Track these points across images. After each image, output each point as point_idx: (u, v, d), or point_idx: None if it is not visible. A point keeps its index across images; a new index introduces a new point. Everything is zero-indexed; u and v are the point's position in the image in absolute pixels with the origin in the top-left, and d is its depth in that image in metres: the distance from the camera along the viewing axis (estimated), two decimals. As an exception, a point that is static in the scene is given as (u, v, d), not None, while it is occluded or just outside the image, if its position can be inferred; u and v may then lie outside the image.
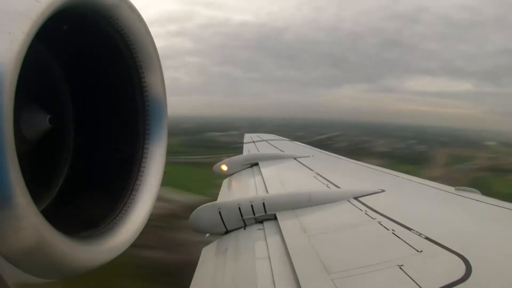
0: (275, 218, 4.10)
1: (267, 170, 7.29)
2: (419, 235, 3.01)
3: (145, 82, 2.49)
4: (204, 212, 4.28)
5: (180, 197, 23.24)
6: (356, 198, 4.36)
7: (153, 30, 2.41)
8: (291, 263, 2.82)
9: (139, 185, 2.47)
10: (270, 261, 3.04)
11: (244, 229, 4.15)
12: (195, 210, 4.30)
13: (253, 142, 12.27)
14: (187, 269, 3.76)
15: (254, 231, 3.99)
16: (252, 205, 4.21)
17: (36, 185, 1.65)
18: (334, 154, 9.49)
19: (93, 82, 2.59)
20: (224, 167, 8.10)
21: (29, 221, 1.48)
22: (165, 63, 2.60)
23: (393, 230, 3.17)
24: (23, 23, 1.48)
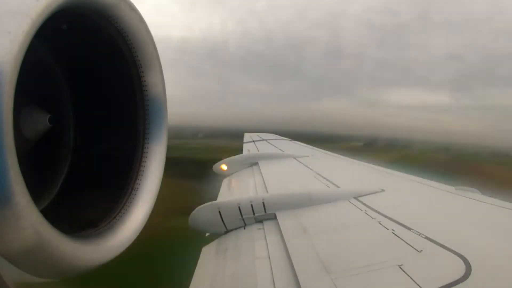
0: (275, 217, 4.11)
1: (267, 169, 7.30)
2: (419, 234, 3.01)
3: (145, 81, 2.49)
4: (204, 212, 4.28)
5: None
6: (356, 198, 4.36)
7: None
8: (290, 263, 2.82)
9: (139, 185, 2.47)
10: (270, 260, 3.04)
11: (244, 228, 4.15)
12: (195, 210, 4.30)
13: (253, 141, 12.27)
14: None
15: (254, 230, 3.99)
16: (252, 205, 4.21)
17: (35, 184, 1.65)
18: (334, 154, 9.48)
19: (92, 81, 2.59)
20: (224, 167, 8.10)
21: (29, 221, 1.48)
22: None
23: (393, 229, 3.17)
24: (22, 22, 1.48)
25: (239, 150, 10.69)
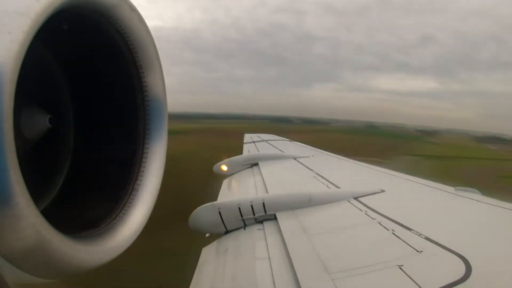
0: (275, 218, 4.10)
1: (267, 170, 7.29)
2: (419, 235, 3.01)
3: (145, 81, 2.49)
4: (204, 212, 4.28)
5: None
6: (356, 198, 4.36)
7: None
8: (291, 263, 2.82)
9: (139, 185, 2.47)
10: (270, 261, 3.04)
11: (244, 229, 4.15)
12: (195, 210, 4.30)
13: (253, 142, 12.27)
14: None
15: (254, 231, 3.99)
16: (252, 205, 4.21)
17: (36, 185, 1.65)
18: (334, 154, 9.48)
19: (93, 82, 2.59)
20: (224, 167, 8.10)
21: (29, 221, 1.48)
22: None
23: (393, 230, 3.17)
24: (23, 22, 1.48)
25: (239, 151, 10.72)
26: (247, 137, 13.76)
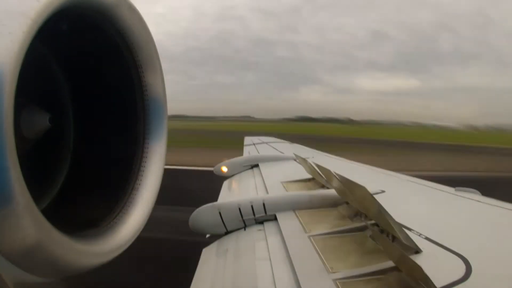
0: (275, 218, 4.09)
1: (267, 171, 7.28)
2: (419, 235, 3.00)
3: (145, 81, 2.50)
4: (204, 213, 4.26)
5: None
6: None
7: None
8: (291, 264, 2.81)
9: (139, 185, 2.47)
10: (270, 262, 3.03)
11: (245, 229, 4.13)
12: (195, 211, 4.29)
13: (253, 144, 12.26)
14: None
15: (255, 231, 3.98)
16: (252, 206, 4.19)
17: (36, 184, 1.65)
18: (334, 156, 9.48)
19: (93, 81, 2.60)
20: (224, 169, 8.08)
21: (29, 220, 1.48)
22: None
23: None
24: (23, 22, 1.48)
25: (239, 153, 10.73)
26: (248, 139, 13.74)
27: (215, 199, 5.54)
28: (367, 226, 3.29)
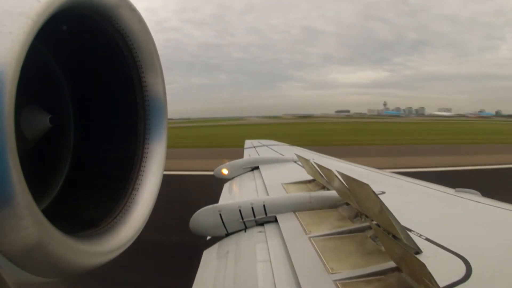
0: (276, 220, 4.09)
1: (267, 173, 7.28)
2: (419, 236, 3.00)
3: (145, 81, 2.50)
4: (205, 215, 4.25)
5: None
6: None
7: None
8: (292, 265, 2.81)
9: (139, 185, 2.47)
10: (271, 263, 3.03)
11: (245, 231, 4.13)
12: (196, 213, 4.28)
13: (254, 147, 12.26)
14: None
15: (255, 233, 3.97)
16: (252, 207, 4.19)
17: (37, 184, 1.65)
18: (334, 158, 9.47)
19: (93, 82, 2.60)
20: (225, 171, 8.07)
21: (30, 220, 1.48)
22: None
23: None
24: (23, 23, 1.48)
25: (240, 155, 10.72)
26: (248, 142, 13.75)
27: (216, 201, 5.53)
28: (367, 227, 3.29)
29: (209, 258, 3.82)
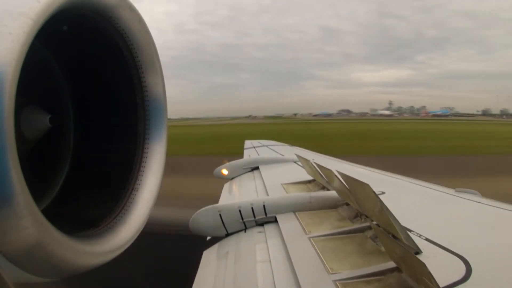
0: (276, 220, 4.08)
1: (267, 173, 7.26)
2: (419, 236, 2.99)
3: (145, 82, 2.50)
4: (205, 215, 4.24)
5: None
6: None
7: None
8: (292, 266, 2.80)
9: (139, 185, 2.47)
10: (271, 263, 3.02)
11: (245, 231, 4.12)
12: (196, 213, 4.27)
13: (254, 147, 12.23)
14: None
15: (255, 234, 3.96)
16: (252, 208, 4.18)
17: (36, 184, 1.65)
18: (334, 158, 9.45)
19: (93, 82, 2.60)
20: (225, 171, 8.05)
21: (30, 220, 1.48)
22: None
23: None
24: (23, 23, 1.48)
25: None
26: (248, 143, 13.71)
27: (216, 201, 5.52)
28: (367, 227, 3.28)
29: (209, 258, 3.82)
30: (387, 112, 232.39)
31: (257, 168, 8.09)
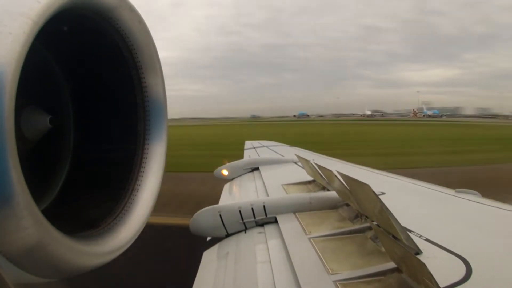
0: (276, 221, 4.08)
1: (267, 174, 7.27)
2: (419, 236, 2.99)
3: (145, 82, 2.50)
4: (205, 215, 4.24)
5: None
6: None
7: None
8: (292, 266, 2.80)
9: (139, 185, 2.47)
10: (271, 264, 3.02)
11: (245, 232, 4.12)
12: (196, 214, 4.27)
13: (254, 148, 12.23)
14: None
15: (255, 234, 3.96)
16: (252, 208, 4.18)
17: (36, 185, 1.65)
18: (334, 158, 9.45)
19: (93, 82, 2.61)
20: (225, 172, 8.05)
21: (30, 221, 1.48)
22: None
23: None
24: (24, 23, 1.49)
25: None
26: (248, 143, 13.70)
27: (216, 202, 5.52)
28: (367, 228, 3.28)
29: (209, 259, 3.82)
30: (368, 113, 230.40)
31: (257, 168, 8.10)
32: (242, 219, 4.13)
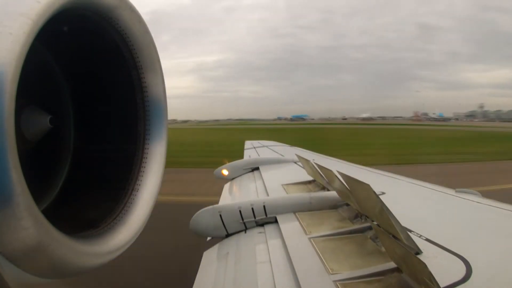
0: (276, 221, 4.08)
1: (267, 174, 7.28)
2: (419, 236, 3.00)
3: (145, 82, 2.51)
4: (205, 215, 4.25)
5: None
6: None
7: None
8: (292, 266, 2.81)
9: (139, 185, 2.47)
10: (271, 264, 3.02)
11: (245, 232, 4.12)
12: (196, 214, 4.28)
13: (254, 148, 12.26)
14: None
15: (255, 234, 3.97)
16: (252, 208, 4.19)
17: (37, 185, 1.66)
18: (334, 158, 9.47)
19: (93, 82, 2.61)
20: (225, 172, 8.06)
21: (30, 221, 1.48)
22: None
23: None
24: (24, 23, 1.49)
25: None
26: (248, 143, 13.74)
27: (216, 202, 5.52)
28: (367, 228, 3.29)
29: (209, 259, 3.82)
30: (364, 115, 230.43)
31: (257, 168, 8.11)
32: (242, 219, 4.14)
